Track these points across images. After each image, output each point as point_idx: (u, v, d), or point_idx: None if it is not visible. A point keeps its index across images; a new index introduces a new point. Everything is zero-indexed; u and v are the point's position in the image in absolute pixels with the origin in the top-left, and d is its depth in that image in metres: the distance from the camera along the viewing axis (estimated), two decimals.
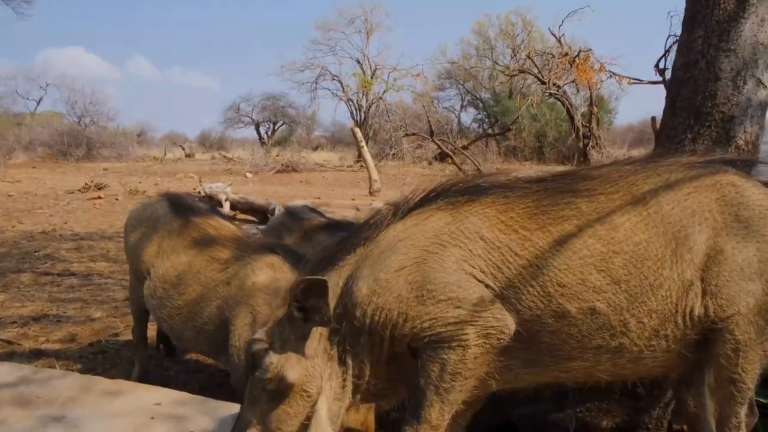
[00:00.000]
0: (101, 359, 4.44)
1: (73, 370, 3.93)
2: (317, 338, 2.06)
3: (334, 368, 2.07)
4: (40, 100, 41.23)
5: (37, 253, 8.04)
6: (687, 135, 2.43)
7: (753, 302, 1.91)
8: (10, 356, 4.29)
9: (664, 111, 2.64)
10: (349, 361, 2.08)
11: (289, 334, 2.06)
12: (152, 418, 2.58)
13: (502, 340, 1.96)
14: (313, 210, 4.69)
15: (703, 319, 1.92)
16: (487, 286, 1.96)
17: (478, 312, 1.94)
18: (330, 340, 2.08)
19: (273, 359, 2.04)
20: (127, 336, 4.90)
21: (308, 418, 2.02)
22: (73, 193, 15.32)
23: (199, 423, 2.54)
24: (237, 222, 3.94)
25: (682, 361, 2.02)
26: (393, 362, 2.10)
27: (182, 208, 3.76)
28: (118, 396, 2.79)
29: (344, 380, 2.09)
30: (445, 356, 1.97)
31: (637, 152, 28.73)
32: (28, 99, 41.17)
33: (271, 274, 3.10)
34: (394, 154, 29.93)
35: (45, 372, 3.08)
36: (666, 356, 1.99)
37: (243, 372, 2.98)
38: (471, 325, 1.94)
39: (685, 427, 2.56)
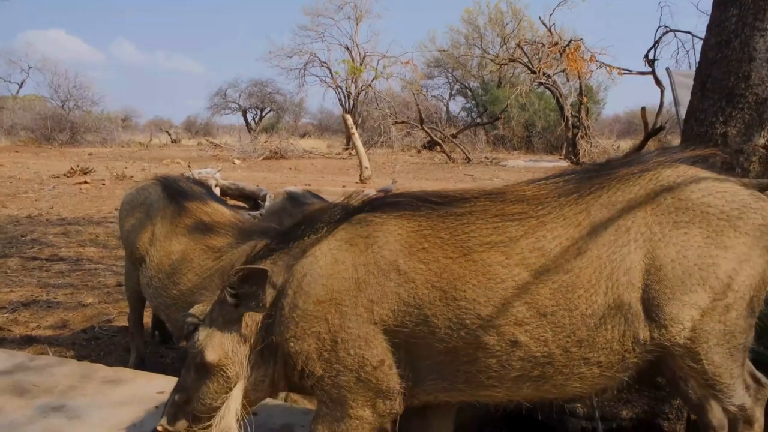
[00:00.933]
0: (95, 346, 4.32)
1: (66, 357, 3.80)
2: (247, 325, 2.03)
3: (258, 359, 2.02)
4: (22, 83, 40.48)
5: (23, 238, 7.85)
6: (718, 118, 2.34)
7: (698, 314, 1.74)
8: (0, 342, 4.16)
9: (693, 93, 2.54)
10: (275, 361, 2.02)
11: (218, 316, 2.05)
12: (156, 406, 2.48)
13: (389, 416, 1.94)
14: (315, 195, 4.58)
15: (648, 342, 1.78)
16: (397, 328, 1.85)
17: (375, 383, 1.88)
18: (261, 331, 2.02)
19: (200, 336, 2.05)
20: (121, 322, 4.79)
21: (225, 399, 2.02)
22: (58, 177, 15.02)
23: None
24: (232, 207, 3.79)
25: (622, 379, 1.89)
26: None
27: (176, 192, 3.62)
28: (118, 384, 2.69)
29: (266, 375, 2.04)
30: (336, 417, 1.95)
31: (624, 143, 28.91)
32: (9, 82, 40.38)
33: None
34: (383, 142, 29.78)
35: (41, 359, 2.96)
36: (599, 380, 1.86)
37: None
38: (358, 394, 1.90)
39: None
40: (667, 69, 7.63)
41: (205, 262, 3.15)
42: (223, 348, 2.02)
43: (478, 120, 34.30)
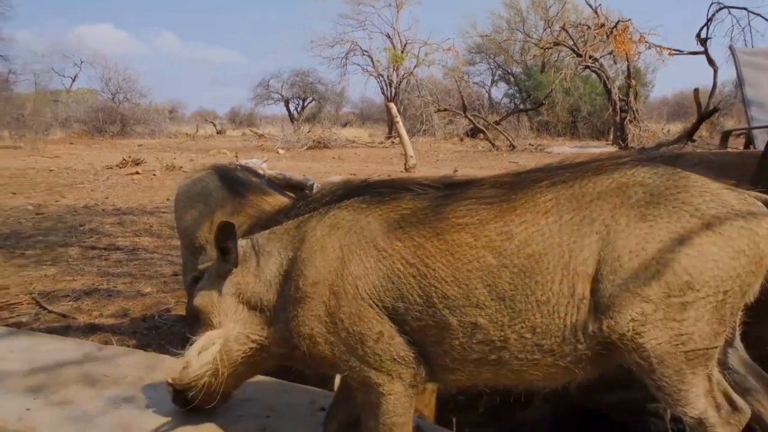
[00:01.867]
0: (155, 335, 4.38)
1: (129, 346, 3.86)
2: (238, 283, 2.13)
3: (247, 317, 2.12)
4: (75, 77, 41.76)
5: (82, 227, 8.07)
6: None
7: (650, 309, 1.70)
8: (66, 330, 4.25)
9: None
10: (269, 329, 2.10)
11: (213, 270, 2.21)
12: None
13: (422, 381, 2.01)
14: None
15: (597, 334, 1.76)
16: (380, 303, 1.92)
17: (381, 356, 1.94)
18: (255, 292, 2.12)
19: (198, 286, 2.25)
20: (179, 311, 4.85)
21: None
22: (111, 168, 15.43)
23: (272, 406, 2.42)
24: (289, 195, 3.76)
25: (578, 373, 1.86)
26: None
27: (234, 182, 3.61)
28: None
29: (253, 333, 2.12)
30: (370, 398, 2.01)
31: (675, 126, 27.92)
32: (63, 76, 41.74)
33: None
34: (425, 131, 29.55)
35: (109, 349, 2.99)
36: (555, 370, 1.86)
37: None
38: (377, 370, 1.96)
39: None
40: (731, 47, 7.24)
41: None
42: (210, 297, 2.15)
43: (522, 106, 33.67)
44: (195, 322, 2.24)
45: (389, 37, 34.34)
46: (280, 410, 2.40)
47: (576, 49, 26.17)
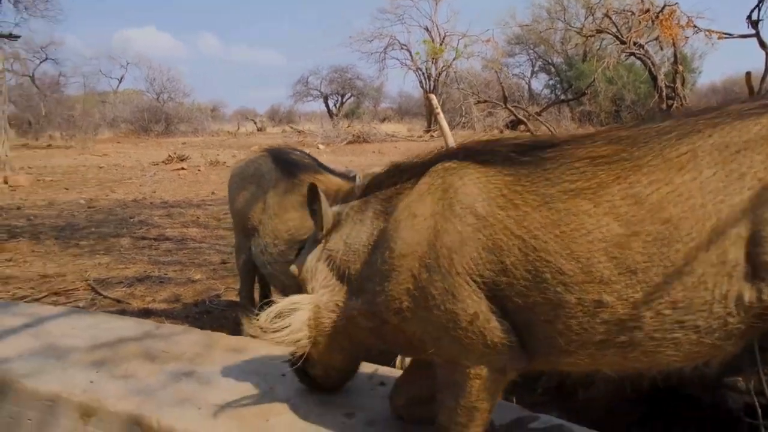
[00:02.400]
0: (207, 319, 4.42)
1: None
2: (329, 247, 2.02)
3: (336, 285, 1.98)
4: (121, 78, 43.01)
5: (131, 219, 8.25)
6: None
7: None
8: (121, 314, 4.32)
9: None
10: (356, 300, 1.93)
11: (311, 237, 2.15)
12: (283, 375, 2.44)
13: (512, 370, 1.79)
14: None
15: (755, 304, 1.50)
16: (480, 278, 1.68)
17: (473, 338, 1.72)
18: (344, 260, 1.98)
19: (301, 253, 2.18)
20: (229, 297, 4.89)
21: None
22: (157, 164, 15.80)
23: None
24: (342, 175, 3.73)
25: (727, 349, 1.61)
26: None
27: (287, 162, 3.61)
28: (243, 353, 2.68)
29: (341, 304, 1.98)
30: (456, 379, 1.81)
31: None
32: (110, 77, 43.07)
33: None
34: (464, 123, 29.27)
35: (166, 327, 3.02)
36: (698, 348, 1.60)
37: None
38: (467, 352, 1.75)
39: None
40: None
41: None
42: (306, 264, 2.07)
43: (563, 96, 33.00)
44: (299, 288, 2.17)
45: (428, 30, 34.17)
46: (349, 384, 2.35)
47: (620, 36, 25.43)
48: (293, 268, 2.13)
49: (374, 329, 1.93)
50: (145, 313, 4.41)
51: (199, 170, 14.53)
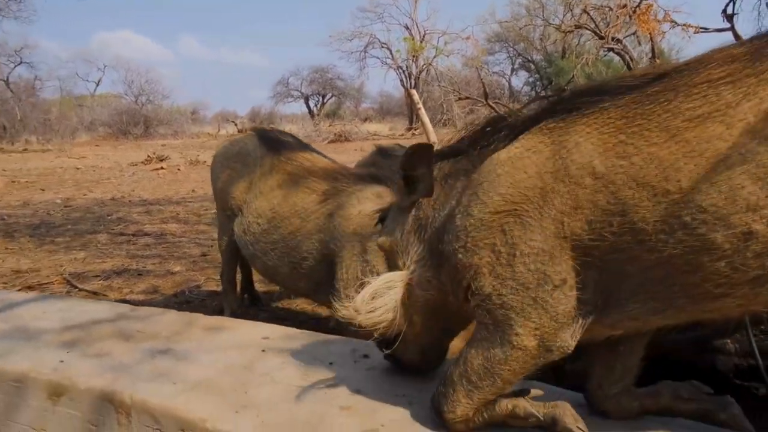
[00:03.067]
0: (187, 308, 4.30)
1: None
2: (419, 216, 1.88)
3: (427, 258, 1.82)
4: (99, 82, 42.45)
5: (109, 217, 8.09)
6: None
7: None
8: None
9: None
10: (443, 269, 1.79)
11: (395, 205, 1.99)
12: (263, 351, 2.36)
13: (556, 351, 1.63)
14: (405, 148, 4.38)
15: None
16: (593, 242, 1.54)
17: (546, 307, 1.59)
18: (435, 228, 1.83)
19: (381, 225, 2.08)
20: (209, 287, 4.80)
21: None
22: (136, 165, 15.56)
23: (315, 356, 2.30)
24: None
25: None
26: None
27: (273, 142, 3.54)
28: (222, 331, 2.59)
29: (434, 277, 1.82)
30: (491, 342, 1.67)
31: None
32: (87, 81, 42.48)
33: (380, 203, 2.83)
34: (445, 121, 29.31)
35: (143, 309, 2.92)
36: None
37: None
38: (532, 323, 1.61)
39: None
40: None
41: (309, 205, 3.04)
42: (393, 235, 1.93)
43: (543, 93, 33.19)
44: (385, 262, 2.08)
45: (408, 28, 34.20)
46: (324, 359, 2.28)
47: (598, 32, 25.63)
48: (382, 240, 1.96)
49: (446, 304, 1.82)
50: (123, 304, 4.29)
51: (178, 169, 14.34)
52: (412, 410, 1.87)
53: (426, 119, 18.02)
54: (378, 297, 1.81)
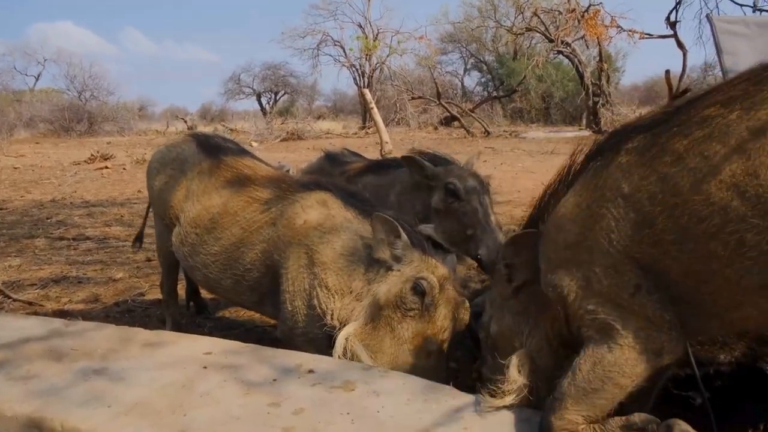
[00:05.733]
0: (129, 318, 4.17)
1: None
2: (520, 299, 2.07)
3: (532, 326, 2.04)
4: (38, 76, 40.67)
5: (49, 220, 7.75)
6: None
7: None
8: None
9: None
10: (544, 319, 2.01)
11: (494, 295, 2.17)
12: (205, 367, 2.28)
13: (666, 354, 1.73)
14: (354, 153, 4.35)
15: None
16: (638, 254, 1.69)
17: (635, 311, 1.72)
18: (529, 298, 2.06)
19: (484, 317, 2.22)
20: (153, 295, 4.64)
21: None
22: (79, 164, 14.98)
23: (258, 372, 2.25)
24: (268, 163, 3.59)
25: None
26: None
27: (212, 147, 3.43)
28: (162, 346, 2.50)
29: (542, 339, 2.03)
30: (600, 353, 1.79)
31: (646, 111, 28.05)
32: (26, 75, 40.63)
33: (324, 211, 2.78)
34: (399, 120, 29.39)
35: (78, 324, 2.78)
36: None
37: (302, 319, 2.70)
38: (631, 327, 1.74)
39: None
40: (708, 16, 7.20)
41: (251, 215, 2.95)
42: (503, 322, 2.12)
43: (495, 94, 33.73)
44: (494, 351, 2.18)
45: (361, 26, 34.10)
46: (268, 375, 2.22)
47: (548, 35, 26.25)
48: (495, 331, 2.14)
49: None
50: (60, 315, 4.08)
51: (124, 169, 13.88)
52: (354, 429, 1.84)
53: (378, 118, 18.03)
54: (512, 383, 1.95)
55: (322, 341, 2.64)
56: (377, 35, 33.19)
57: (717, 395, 2.26)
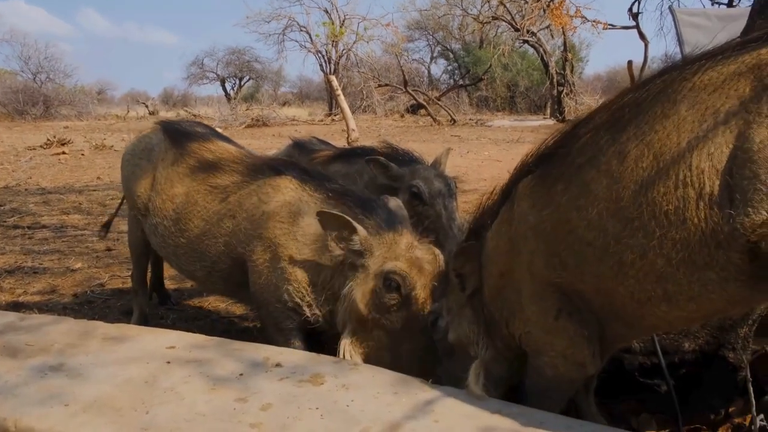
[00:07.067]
0: (88, 310, 4.04)
1: None
2: (474, 307, 2.15)
3: (486, 338, 2.13)
4: None
5: (2, 207, 7.45)
6: None
7: None
8: None
9: (753, 10, 2.34)
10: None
11: (452, 303, 2.21)
12: (168, 362, 2.21)
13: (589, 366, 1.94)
14: (323, 142, 4.27)
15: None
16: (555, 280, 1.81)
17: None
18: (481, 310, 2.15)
19: (440, 323, 2.24)
20: (113, 286, 4.51)
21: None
22: (34, 149, 14.46)
23: (224, 366, 2.19)
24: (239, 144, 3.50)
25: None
26: None
27: (178, 133, 3.33)
28: (123, 341, 2.41)
29: (497, 350, 2.12)
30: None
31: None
32: None
33: (282, 198, 2.70)
34: (365, 107, 29.24)
35: (34, 318, 2.67)
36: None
37: (273, 310, 2.64)
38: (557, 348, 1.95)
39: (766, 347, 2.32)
40: (671, 8, 7.33)
41: (211, 205, 2.86)
42: (460, 329, 2.17)
43: (461, 82, 33.84)
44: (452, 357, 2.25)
45: (327, 12, 33.62)
46: (234, 369, 2.16)
47: (514, 24, 26.40)
48: (453, 338, 2.19)
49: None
50: (14, 308, 3.94)
51: (82, 154, 13.44)
52: (323, 424, 1.81)
53: (345, 105, 17.91)
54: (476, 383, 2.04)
55: (293, 332, 2.60)
56: (344, 21, 32.80)
57: (681, 382, 2.31)
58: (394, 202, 2.70)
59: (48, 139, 15.03)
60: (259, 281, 2.63)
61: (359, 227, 2.40)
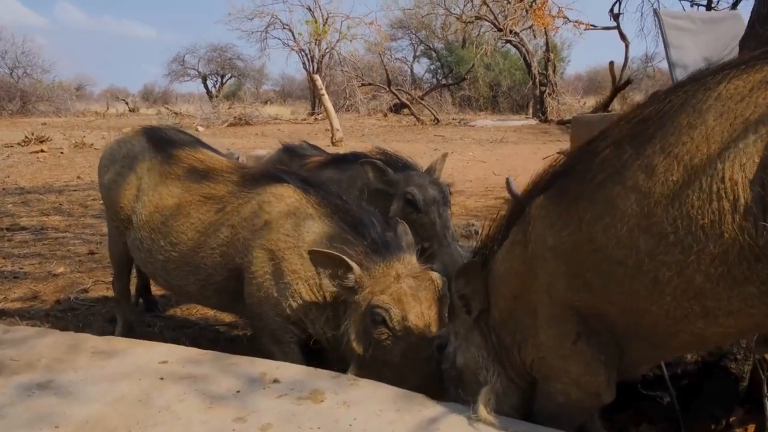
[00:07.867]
0: (72, 317, 3.93)
1: None
2: (482, 331, 2.06)
3: (496, 365, 2.04)
4: None
5: None
6: None
7: None
8: None
9: (752, 18, 2.33)
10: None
11: (459, 327, 2.12)
12: (162, 378, 2.14)
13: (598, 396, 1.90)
14: (314, 147, 4.20)
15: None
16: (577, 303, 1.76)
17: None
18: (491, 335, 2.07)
19: (449, 349, 2.15)
20: (98, 292, 4.40)
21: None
22: (11, 146, 14.15)
23: (220, 383, 2.12)
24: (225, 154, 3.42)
25: None
26: None
27: (162, 140, 3.22)
28: (113, 355, 2.33)
29: (508, 378, 2.04)
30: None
31: (591, 100, 28.93)
32: None
33: (285, 208, 2.64)
34: (348, 106, 29.14)
35: (18, 330, 2.57)
36: None
37: (271, 323, 2.58)
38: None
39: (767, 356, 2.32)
40: (655, 10, 7.41)
41: (206, 216, 2.77)
42: (468, 354, 2.08)
43: (444, 81, 33.89)
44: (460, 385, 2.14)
45: (310, 10, 33.39)
46: (231, 386, 2.10)
47: (497, 24, 26.48)
48: (462, 364, 2.09)
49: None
50: None
51: (61, 153, 13.19)
52: None
53: (329, 104, 17.78)
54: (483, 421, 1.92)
55: (290, 345, 2.54)
56: (327, 19, 32.61)
57: (683, 392, 2.30)
58: (402, 227, 2.65)
59: (26, 136, 14.72)
60: (258, 294, 2.56)
61: (354, 265, 2.31)
